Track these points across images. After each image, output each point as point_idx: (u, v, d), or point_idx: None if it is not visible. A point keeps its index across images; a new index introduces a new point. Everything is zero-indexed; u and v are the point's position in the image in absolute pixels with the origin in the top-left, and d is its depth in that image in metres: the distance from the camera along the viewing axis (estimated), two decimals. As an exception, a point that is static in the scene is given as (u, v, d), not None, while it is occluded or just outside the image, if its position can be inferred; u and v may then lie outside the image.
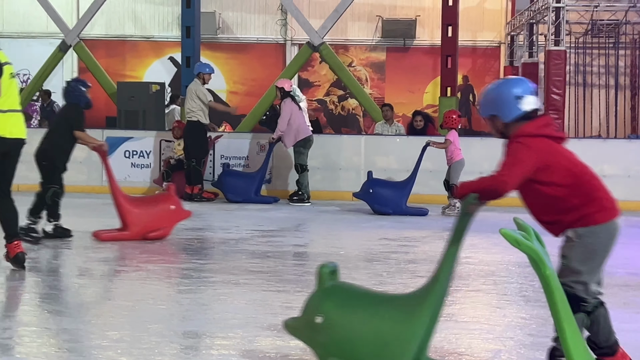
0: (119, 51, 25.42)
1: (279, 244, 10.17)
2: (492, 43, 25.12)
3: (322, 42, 17.64)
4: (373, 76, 25.23)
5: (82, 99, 10.33)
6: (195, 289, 7.43)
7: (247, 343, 5.70)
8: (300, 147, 14.42)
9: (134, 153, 15.83)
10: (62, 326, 6.05)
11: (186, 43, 16.54)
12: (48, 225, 10.20)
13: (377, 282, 7.95)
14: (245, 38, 25.35)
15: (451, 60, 16.65)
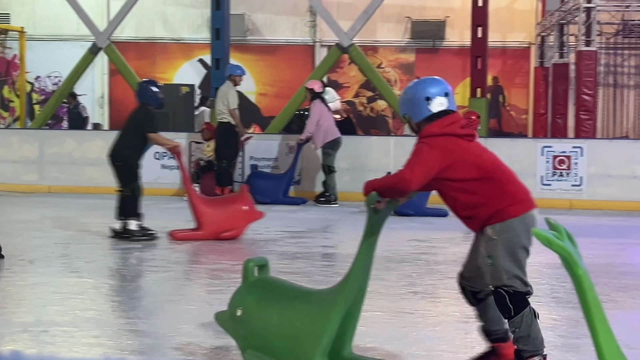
0: (149, 53, 25.54)
1: (308, 245, 10.17)
2: (522, 44, 24.98)
3: (351, 44, 17.62)
4: (402, 77, 25.17)
5: (154, 100, 10.41)
6: (225, 289, 7.44)
7: (277, 343, 5.70)
8: (328, 149, 14.43)
9: (163, 155, 15.87)
10: (93, 326, 6.08)
11: (216, 45, 16.58)
12: (117, 224, 10.37)
13: (406, 283, 7.94)
14: (274, 40, 25.38)
15: (481, 61, 16.56)
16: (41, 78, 26.27)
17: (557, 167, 14.43)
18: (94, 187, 15.97)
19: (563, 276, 7.77)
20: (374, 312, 6.64)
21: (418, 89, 4.98)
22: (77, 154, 16.33)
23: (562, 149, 14.63)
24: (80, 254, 9.28)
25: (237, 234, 10.34)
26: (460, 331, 6.11)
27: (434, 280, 8.14)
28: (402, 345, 5.64)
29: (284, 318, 4.69)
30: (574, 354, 5.55)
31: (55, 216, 12.57)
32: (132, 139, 10.28)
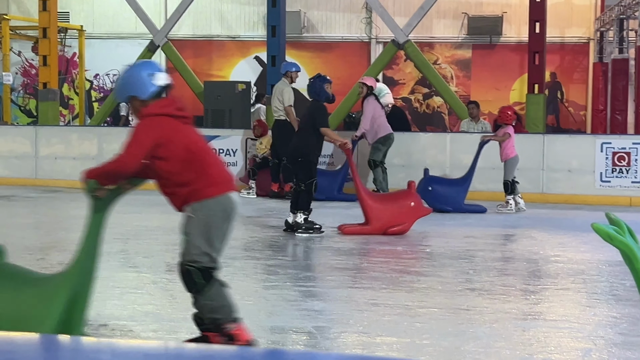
0: (205, 51, 25.73)
1: (363, 242, 10.16)
2: (581, 39, 24.67)
3: (407, 40, 17.56)
4: (459, 74, 25.02)
5: (322, 94, 10.67)
6: (282, 285, 7.49)
7: (333, 339, 5.73)
8: (379, 144, 14.39)
9: (220, 151, 15.99)
10: (151, 320, 6.15)
11: (272, 42, 16.64)
12: (291, 217, 10.68)
13: (463, 279, 7.90)
14: (330, 37, 25.40)
15: (539, 56, 16.39)
16: (100, 76, 26.60)
17: (617, 164, 14.23)
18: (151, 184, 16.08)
19: (622, 273, 7.68)
20: (430, 309, 6.63)
21: (135, 70, 5.25)
22: (135, 151, 16.48)
23: (621, 145, 14.42)
24: (138, 249, 9.38)
25: (404, 229, 10.55)
26: (518, 328, 6.06)
27: (490, 277, 8.08)
28: (459, 342, 5.62)
29: (13, 302, 4.83)
30: (635, 351, 5.48)
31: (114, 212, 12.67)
32: (310, 135, 10.57)
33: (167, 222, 11.73)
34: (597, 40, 24.19)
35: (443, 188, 13.09)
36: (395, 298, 6.94)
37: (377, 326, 6.06)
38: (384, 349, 5.48)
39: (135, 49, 22.17)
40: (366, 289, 7.35)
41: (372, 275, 7.99)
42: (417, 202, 10.69)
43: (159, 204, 14.01)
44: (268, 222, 11.85)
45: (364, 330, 5.94)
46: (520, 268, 8.69)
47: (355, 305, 6.72)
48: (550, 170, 14.45)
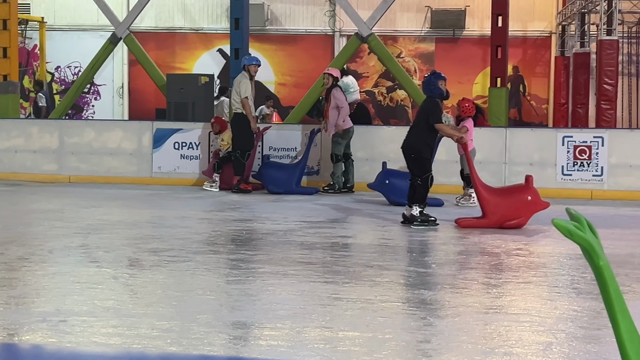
0: (168, 43, 25.59)
1: (327, 235, 10.15)
2: (543, 33, 24.85)
3: (371, 33, 17.56)
4: (422, 67, 25.09)
5: (436, 91, 10.78)
6: (244, 279, 7.45)
7: (296, 334, 5.70)
8: (338, 137, 14.45)
9: (183, 144, 15.91)
10: (112, 316, 6.09)
11: (235, 35, 16.56)
12: (414, 209, 10.80)
13: (426, 273, 7.91)
14: (294, 29, 25.36)
15: (501, 50, 16.46)
16: (61, 68, 26.37)
17: (578, 157, 14.33)
18: (113, 177, 16.02)
19: (584, 267, 7.72)
20: (392, 303, 6.63)
21: None
22: (96, 144, 16.37)
23: (582, 138, 14.53)
24: (99, 244, 9.30)
25: (521, 223, 10.54)
26: (480, 322, 6.07)
27: (452, 271, 8.10)
28: (421, 336, 5.62)
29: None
30: (595, 344, 5.51)
31: (75, 206, 12.61)
32: (422, 131, 10.72)
33: (128, 216, 11.66)
34: (559, 34, 24.38)
35: (400, 181, 13.10)
36: (358, 292, 6.93)
37: (340, 321, 6.05)
38: (346, 343, 5.46)
39: (97, 41, 21.99)
40: (329, 283, 7.34)
41: (335, 270, 7.97)
42: (535, 196, 10.66)
43: (120, 198, 13.98)
44: (231, 216, 11.80)
45: (327, 325, 5.92)
46: (482, 262, 8.72)
47: (317, 299, 6.70)
48: (512, 163, 14.52)
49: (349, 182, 14.74)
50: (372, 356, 5.16)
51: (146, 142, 16.13)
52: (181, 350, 5.26)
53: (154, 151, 16.05)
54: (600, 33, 18.40)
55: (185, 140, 15.95)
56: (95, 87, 25.93)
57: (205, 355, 5.18)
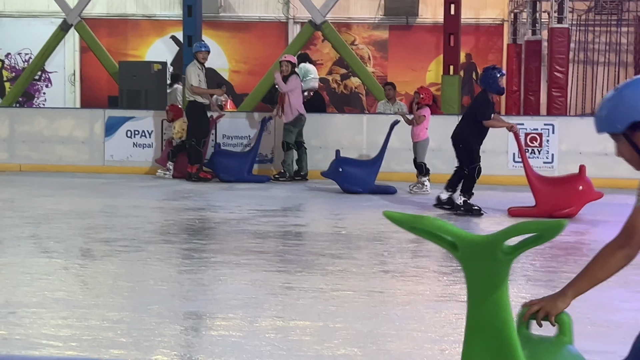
0: (120, 30, 25.34)
1: (280, 224, 10.16)
2: (495, 21, 25.00)
3: (325, 21, 17.55)
4: (376, 55, 25.14)
5: (494, 86, 10.78)
6: (196, 269, 7.44)
7: (248, 324, 5.71)
8: (290, 125, 14.46)
9: (135, 133, 15.81)
10: (62, 307, 6.05)
11: (188, 22, 16.45)
12: (444, 194, 11.03)
13: (378, 262, 7.95)
14: (247, 17, 25.25)
15: (454, 38, 16.54)
16: (11, 55, 26.01)
17: (529, 145, 14.47)
18: (64, 166, 15.87)
19: (533, 254, 7.83)
20: (344, 292, 6.66)
21: None
22: (48, 132, 16.20)
23: (533, 126, 14.68)
24: (50, 234, 9.22)
25: (572, 212, 10.46)
26: (430, 310, 6.13)
27: (404, 259, 8.16)
28: (372, 325, 5.65)
29: None
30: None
31: (26, 195, 12.48)
32: (472, 122, 10.80)
33: (79, 205, 11.58)
34: (511, 21, 24.54)
35: (353, 169, 13.17)
36: (310, 281, 6.96)
37: (292, 310, 6.07)
38: (297, 332, 5.48)
39: (47, 28, 21.71)
40: (281, 272, 7.35)
41: (288, 259, 7.99)
42: (587, 186, 10.62)
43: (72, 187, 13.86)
44: (184, 205, 11.76)
45: (278, 314, 5.94)
46: (434, 250, 8.77)
47: (269, 289, 6.71)
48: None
49: (303, 170, 14.75)
50: (323, 345, 5.19)
51: (98, 130, 16.00)
52: (131, 341, 5.24)
53: (106, 139, 15.93)
54: (552, 21, 18.56)
55: (138, 129, 15.84)
56: (46, 75, 25.62)
57: (156, 347, 5.17)
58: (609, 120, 3.46)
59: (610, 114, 3.46)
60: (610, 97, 3.48)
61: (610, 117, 3.45)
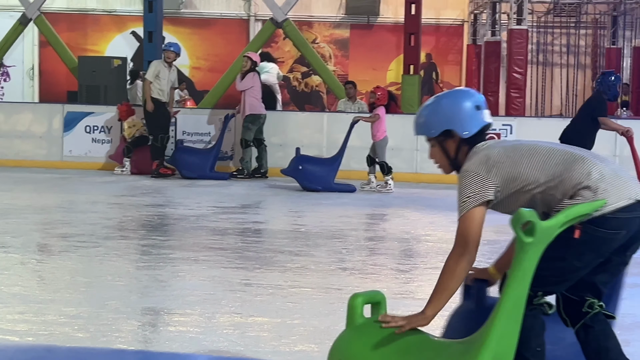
0: (80, 25, 25.14)
1: (239, 221, 10.16)
2: (456, 21, 25.16)
3: (286, 18, 17.57)
4: (337, 53, 25.18)
5: (612, 91, 10.90)
6: (155, 265, 7.42)
7: (206, 320, 5.71)
8: (248, 123, 14.44)
9: (94, 128, 15.70)
10: (18, 302, 6.01)
11: (148, 17, 16.37)
12: None
13: (336, 259, 7.98)
14: (209, 13, 25.17)
15: (414, 38, 16.62)
16: (-31, 48, 25.69)
17: (488, 145, 14.58)
18: (22, 161, 15.73)
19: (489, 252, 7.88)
20: (302, 288, 6.68)
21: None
22: (5, 127, 16.04)
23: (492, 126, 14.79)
24: (7, 229, 9.13)
25: None
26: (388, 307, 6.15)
27: (362, 257, 8.20)
28: (329, 322, 5.67)
29: None
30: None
31: (-17, 190, 12.35)
32: (584, 124, 10.82)
33: (37, 200, 11.49)
34: (471, 22, 24.71)
35: (313, 167, 13.19)
36: (269, 278, 6.97)
37: (250, 306, 6.08)
38: (255, 329, 5.50)
39: (6, 22, 21.51)
40: (239, 269, 7.36)
41: (246, 255, 7.99)
42: None
43: (29, 182, 13.72)
44: (143, 201, 11.71)
45: (236, 310, 5.95)
46: (392, 247, 8.84)
47: (228, 285, 6.72)
48: (424, 150, 14.53)
49: (262, 168, 14.75)
50: (280, 341, 5.21)
51: (57, 125, 15.88)
52: (88, 336, 5.22)
53: (65, 134, 15.81)
54: (511, 22, 18.72)
55: (97, 124, 15.74)
56: (4, 69, 25.32)
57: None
58: (426, 126, 3.85)
59: (428, 120, 3.84)
60: (429, 104, 3.87)
61: (428, 123, 3.83)
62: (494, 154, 3.80)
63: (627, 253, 3.82)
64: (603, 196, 3.60)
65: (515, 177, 3.72)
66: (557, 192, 3.66)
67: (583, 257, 3.68)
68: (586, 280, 3.84)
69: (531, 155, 3.77)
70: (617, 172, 3.73)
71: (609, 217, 3.61)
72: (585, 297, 3.85)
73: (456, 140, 3.86)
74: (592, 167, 3.68)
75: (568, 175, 3.66)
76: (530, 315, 3.69)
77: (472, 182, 3.72)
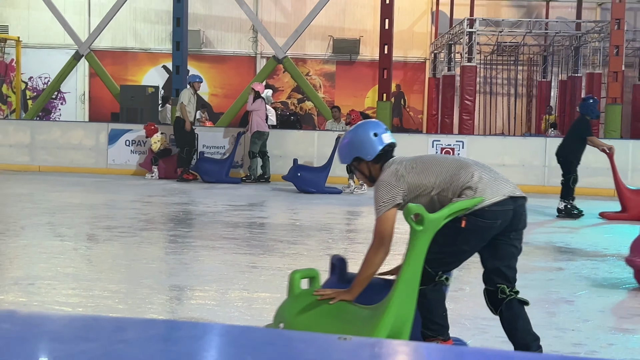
0: (122, 60, 25.09)
1: (247, 216, 10.15)
2: (420, 59, 25.18)
3: (285, 56, 17.57)
4: (325, 83, 25.18)
5: (593, 113, 10.52)
6: (180, 251, 7.41)
7: (220, 295, 5.71)
8: (255, 138, 14.48)
9: (133, 142, 15.69)
10: (71, 280, 6.01)
11: (176, 55, 16.36)
12: (560, 203, 10.72)
13: (324, 247, 7.98)
14: (224, 51, 25.15)
15: (387, 72, 16.64)
16: (33, 78, 25.64)
17: (444, 157, 14.60)
18: (75, 168, 15.71)
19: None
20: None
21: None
22: (62, 140, 16.01)
23: (448, 142, 14.83)
24: (63, 222, 9.11)
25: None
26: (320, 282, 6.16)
27: (345, 245, 8.20)
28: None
29: None
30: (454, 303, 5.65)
31: (43, 191, 12.33)
32: (572, 142, 10.51)
33: (86, 199, 11.46)
34: (431, 60, 24.73)
35: (308, 174, 13.21)
36: (270, 262, 6.97)
37: (256, 284, 6.08)
38: (259, 302, 5.50)
39: (63, 57, 21.46)
40: (247, 254, 7.35)
41: (253, 244, 7.99)
42: None
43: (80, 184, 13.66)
44: (171, 200, 11.69)
45: (245, 287, 5.94)
46: (368, 238, 8.81)
47: (238, 267, 6.71)
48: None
49: (266, 174, 14.75)
50: (280, 312, 5.20)
51: (103, 140, 15.84)
52: (127, 308, 5.22)
53: (109, 147, 15.78)
54: (463, 60, 18.76)
55: (135, 139, 15.72)
56: (61, 94, 25.28)
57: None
58: (342, 157, 4.02)
59: (342, 153, 4.00)
60: (343, 140, 4.00)
61: (342, 154, 3.99)
62: (401, 167, 3.88)
63: (511, 237, 3.88)
64: (481, 194, 3.72)
65: (418, 184, 3.83)
66: (449, 193, 3.78)
67: (469, 242, 3.81)
68: (491, 268, 3.89)
69: (430, 165, 3.87)
70: (493, 176, 3.84)
71: (487, 210, 3.74)
72: (497, 285, 3.88)
73: (366, 162, 3.95)
74: (474, 171, 3.80)
75: (456, 179, 3.78)
76: (434, 290, 3.85)
77: (385, 191, 3.80)
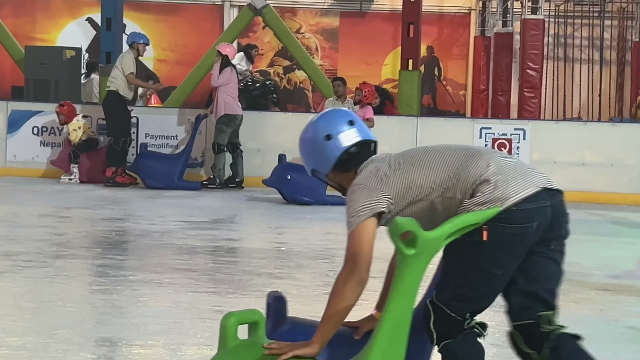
0: (28, 10, 25.10)
1: (210, 238, 10.16)
2: (462, 9, 25.25)
3: (266, 5, 17.63)
4: (324, 45, 25.24)
5: None
6: (112, 289, 7.41)
7: (170, 352, 5.71)
8: (222, 124, 14.41)
9: (43, 129, 15.71)
10: None
11: (106, 2, 16.41)
12: None
13: (322, 283, 7.98)
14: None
15: (414, 28, 16.68)
16: None
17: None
18: None
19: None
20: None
21: None
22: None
23: (502, 130, 14.88)
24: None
25: None
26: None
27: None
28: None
29: None
30: None
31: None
32: None
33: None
34: (479, 11, 24.79)
35: (301, 176, 12.94)
36: (244, 304, 6.94)
37: (221, 337, 6.07)
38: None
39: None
40: (210, 293, 7.36)
41: (218, 278, 8.00)
42: None
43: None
44: (99, 215, 11.71)
45: (206, 341, 5.94)
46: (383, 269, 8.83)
47: (197, 312, 6.72)
48: None
49: (238, 177, 14.78)
50: (257, 378, 5.21)
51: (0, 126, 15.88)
52: (35, 371, 5.22)
53: (9, 137, 15.82)
54: (525, 11, 18.82)
55: (46, 125, 15.74)
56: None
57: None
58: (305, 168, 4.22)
59: (305, 164, 4.23)
60: (299, 148, 4.26)
61: (306, 165, 4.22)
62: (384, 165, 3.89)
63: (552, 247, 3.87)
64: (503, 187, 3.66)
65: (409, 185, 3.80)
66: (457, 193, 3.73)
67: (499, 261, 3.69)
68: (525, 294, 3.82)
69: (422, 158, 3.86)
70: (517, 164, 3.84)
71: (515, 210, 3.66)
72: (538, 313, 3.84)
73: (331, 172, 4.05)
74: (489, 159, 3.77)
75: (464, 172, 3.74)
76: (463, 342, 3.75)
77: (361, 196, 3.81)
